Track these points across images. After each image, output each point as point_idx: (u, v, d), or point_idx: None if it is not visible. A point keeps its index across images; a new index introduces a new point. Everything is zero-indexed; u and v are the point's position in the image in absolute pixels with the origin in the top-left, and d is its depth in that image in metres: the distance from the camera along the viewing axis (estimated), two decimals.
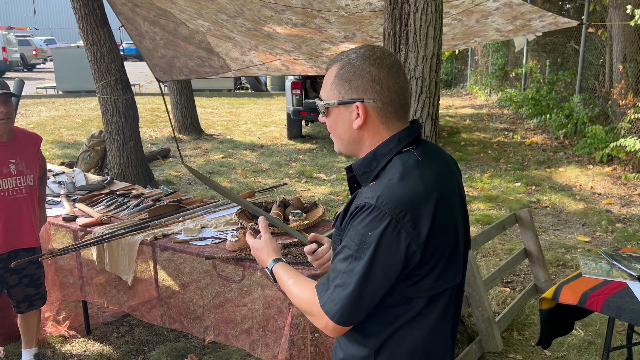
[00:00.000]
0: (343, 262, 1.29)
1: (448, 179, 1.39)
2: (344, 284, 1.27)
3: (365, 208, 1.27)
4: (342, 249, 1.31)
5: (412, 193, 1.27)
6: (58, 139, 9.99)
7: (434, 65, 2.94)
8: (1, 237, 2.87)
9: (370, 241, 1.24)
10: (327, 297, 1.31)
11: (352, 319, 1.30)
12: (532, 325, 3.66)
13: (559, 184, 7.04)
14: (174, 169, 8.06)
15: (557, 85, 10.59)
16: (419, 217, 1.26)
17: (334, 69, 1.38)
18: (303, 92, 9.47)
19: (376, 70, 1.33)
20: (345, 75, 1.35)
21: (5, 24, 39.04)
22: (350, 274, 1.27)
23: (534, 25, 4.75)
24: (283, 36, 4.95)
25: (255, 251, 1.63)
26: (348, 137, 1.40)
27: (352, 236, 1.28)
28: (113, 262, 3.14)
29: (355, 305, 1.27)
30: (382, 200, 1.25)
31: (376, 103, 1.34)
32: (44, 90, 17.37)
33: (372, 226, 1.25)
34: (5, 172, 2.84)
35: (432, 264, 1.30)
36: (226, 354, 3.34)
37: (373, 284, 1.27)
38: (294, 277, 1.46)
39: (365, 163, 1.38)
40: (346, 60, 1.36)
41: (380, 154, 1.36)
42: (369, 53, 1.35)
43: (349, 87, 1.35)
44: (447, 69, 18.85)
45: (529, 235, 4.02)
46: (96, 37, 5.99)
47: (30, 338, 3.18)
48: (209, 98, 15.94)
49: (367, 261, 1.25)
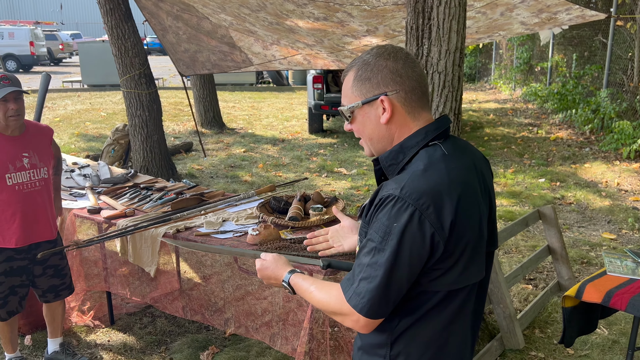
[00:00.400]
0: (367, 256, 1.30)
1: (474, 175, 1.38)
2: (369, 276, 1.28)
3: (389, 199, 1.27)
4: (366, 243, 1.31)
5: (435, 184, 1.27)
6: (83, 132, 10.16)
7: (457, 60, 2.91)
8: (19, 230, 2.90)
9: (395, 232, 1.25)
10: (352, 291, 1.31)
11: (381, 312, 1.30)
12: (554, 323, 3.61)
13: (585, 180, 6.92)
14: (197, 162, 8.14)
15: (584, 79, 10.39)
16: (442, 209, 1.25)
17: (350, 74, 1.41)
18: (324, 87, 9.45)
19: (392, 63, 1.35)
20: (364, 75, 1.37)
21: (32, 19, 39.76)
22: (374, 266, 1.27)
23: (561, 18, 4.67)
24: (305, 30, 4.95)
25: (265, 271, 1.63)
26: (377, 135, 1.40)
27: (376, 228, 1.29)
28: (136, 254, 3.19)
29: (382, 298, 1.28)
30: (406, 191, 1.26)
31: (399, 94, 1.36)
32: (70, 84, 17.66)
33: (396, 217, 1.25)
34: (18, 165, 2.86)
35: (454, 258, 1.30)
36: (246, 346, 3.37)
37: (399, 276, 1.27)
38: (315, 283, 1.46)
39: (392, 155, 1.39)
40: (361, 63, 1.39)
41: (407, 147, 1.37)
42: (381, 50, 1.38)
43: (369, 85, 1.37)
44: (470, 63, 18.63)
45: (553, 232, 3.96)
46: (120, 31, 6.06)
47: (56, 328, 3.25)
48: (231, 92, 16.03)
49: (392, 252, 1.25)
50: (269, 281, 1.63)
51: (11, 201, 2.86)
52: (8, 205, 2.86)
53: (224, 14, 5.03)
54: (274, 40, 5.54)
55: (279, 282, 1.59)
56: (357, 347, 1.50)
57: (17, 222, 2.89)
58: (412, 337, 1.37)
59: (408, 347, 1.38)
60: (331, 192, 6.55)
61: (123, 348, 3.41)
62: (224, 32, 5.60)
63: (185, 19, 5.50)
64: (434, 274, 1.31)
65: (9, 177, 2.83)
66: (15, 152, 2.87)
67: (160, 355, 3.34)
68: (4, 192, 2.84)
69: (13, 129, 2.87)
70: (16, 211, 2.88)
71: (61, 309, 3.24)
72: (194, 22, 5.51)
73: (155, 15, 5.67)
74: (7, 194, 2.84)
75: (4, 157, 2.83)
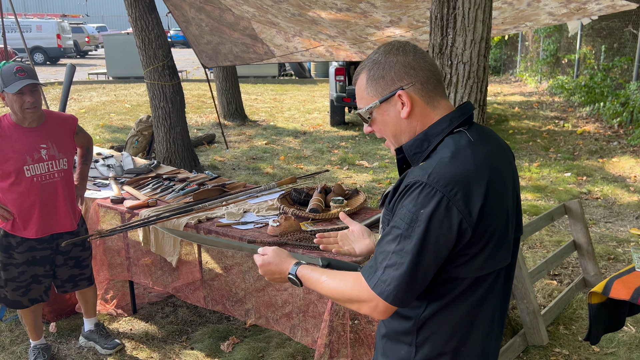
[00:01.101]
0: (392, 243, 1.28)
1: (501, 161, 1.37)
2: (395, 264, 1.26)
3: (415, 186, 1.26)
4: (390, 230, 1.30)
5: (463, 171, 1.26)
6: (108, 124, 10.29)
7: (483, 50, 2.85)
8: (38, 221, 2.93)
9: (422, 219, 1.24)
10: (376, 278, 1.28)
11: (406, 299, 1.28)
12: (579, 320, 3.54)
13: (612, 174, 6.77)
14: (219, 154, 8.18)
15: (613, 72, 10.14)
16: (470, 195, 1.24)
17: (362, 76, 1.41)
18: (347, 79, 9.40)
19: (403, 57, 1.35)
20: (377, 74, 1.37)
21: (59, 11, 40.37)
22: (400, 253, 1.26)
23: (590, 9, 4.55)
24: (327, 21, 4.91)
25: (268, 266, 1.55)
26: (400, 130, 1.40)
27: (402, 215, 1.27)
28: (158, 244, 3.21)
29: (409, 285, 1.26)
30: (434, 178, 1.24)
31: (415, 85, 1.35)
32: (95, 76, 17.90)
33: (423, 204, 1.24)
34: (36, 157, 2.86)
35: (482, 244, 1.29)
36: (266, 337, 3.38)
37: (425, 263, 1.26)
38: (326, 272, 1.43)
39: (416, 144, 1.37)
40: (371, 63, 1.39)
41: (432, 135, 1.36)
42: (389, 47, 1.38)
43: (384, 83, 1.37)
44: (496, 55, 18.35)
45: (579, 227, 3.88)
46: (144, 23, 6.10)
47: (89, 309, 3.35)
48: (253, 85, 16.07)
49: (419, 239, 1.24)
50: (273, 276, 1.55)
51: (30, 192, 2.88)
52: (27, 197, 2.88)
53: (247, 5, 5.02)
54: (296, 32, 5.52)
55: (284, 276, 1.52)
56: (380, 335, 1.48)
57: (36, 213, 2.91)
58: (438, 324, 1.36)
59: (434, 334, 1.37)
60: (352, 185, 6.52)
61: (145, 337, 3.45)
62: (246, 24, 5.60)
63: (208, 11, 5.51)
64: (460, 259, 1.29)
65: (27, 169, 2.84)
66: (33, 143, 2.86)
67: (181, 344, 3.37)
68: (23, 184, 2.86)
69: (30, 120, 2.86)
70: (35, 202, 2.90)
71: (91, 292, 3.32)
72: (217, 14, 5.52)
73: (178, 7, 5.69)
74: (26, 186, 2.86)
75: (22, 149, 2.83)
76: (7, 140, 2.82)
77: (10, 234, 2.94)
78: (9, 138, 2.82)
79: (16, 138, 2.83)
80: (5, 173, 2.83)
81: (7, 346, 3.38)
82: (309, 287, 1.47)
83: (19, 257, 2.96)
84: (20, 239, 2.95)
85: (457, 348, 1.38)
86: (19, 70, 2.74)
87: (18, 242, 2.95)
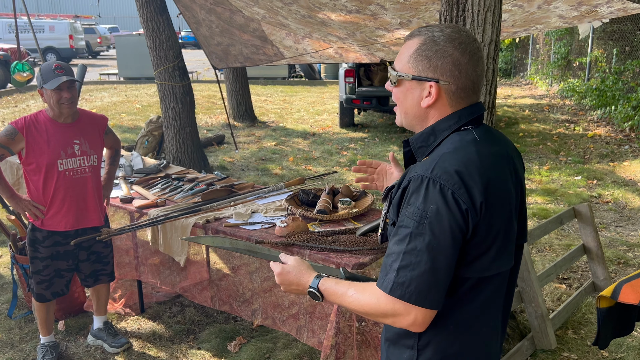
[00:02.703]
0: (401, 243, 1.24)
1: (505, 164, 1.35)
2: (409, 264, 1.23)
3: (420, 181, 1.25)
4: (397, 230, 1.27)
5: (465, 164, 1.25)
6: (118, 124, 10.36)
7: (492, 52, 2.84)
8: (69, 215, 3.02)
9: (431, 214, 1.22)
10: (390, 281, 1.24)
11: (433, 298, 1.23)
12: (588, 324, 3.52)
13: (623, 178, 6.71)
14: (228, 155, 8.21)
15: (624, 75, 10.06)
16: (472, 189, 1.23)
17: (414, 41, 1.35)
18: (356, 80, 9.39)
19: (459, 54, 1.30)
20: (426, 52, 1.32)
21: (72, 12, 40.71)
22: (414, 252, 1.22)
23: (601, 12, 4.52)
24: (337, 23, 4.92)
25: (287, 275, 1.45)
26: (414, 113, 1.38)
27: (409, 214, 1.25)
28: (167, 243, 3.23)
29: (432, 283, 1.23)
30: (436, 172, 1.24)
31: (450, 86, 1.32)
32: (106, 76, 18.03)
33: (430, 199, 1.23)
34: (69, 152, 2.97)
35: (486, 244, 1.27)
36: (273, 337, 3.38)
37: (443, 257, 1.23)
38: (353, 285, 1.34)
39: (422, 137, 1.37)
40: (430, 37, 1.32)
41: (439, 130, 1.35)
42: (455, 35, 1.31)
43: (427, 65, 1.32)
44: (506, 58, 18.26)
45: (589, 231, 3.85)
46: (155, 24, 6.14)
47: (100, 307, 3.39)
48: (263, 86, 16.11)
49: (432, 235, 1.22)
50: (290, 287, 1.46)
51: (62, 186, 2.98)
52: (59, 191, 2.98)
53: (257, 7, 5.04)
54: (306, 34, 5.53)
55: (303, 288, 1.43)
56: (384, 339, 1.46)
57: (67, 206, 3.01)
58: (441, 327, 1.33)
59: (437, 336, 1.34)
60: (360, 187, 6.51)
61: (152, 336, 3.47)
62: (256, 26, 5.62)
63: (218, 13, 5.53)
64: (467, 258, 1.28)
65: (61, 163, 2.95)
66: (67, 139, 2.97)
67: (188, 344, 3.38)
68: (55, 178, 2.95)
69: (66, 116, 2.97)
70: (66, 196, 2.99)
71: (105, 290, 3.37)
72: (227, 16, 5.54)
73: (189, 8, 5.72)
74: (59, 180, 2.96)
75: (57, 144, 2.94)
76: (42, 135, 2.92)
77: (38, 228, 3.03)
78: (45, 132, 2.93)
79: (52, 133, 2.94)
80: (39, 166, 2.93)
81: (16, 343, 3.41)
82: (333, 301, 1.38)
83: (44, 251, 3.05)
84: (46, 233, 3.03)
85: (460, 352, 1.35)
86: (57, 68, 2.85)
87: (44, 236, 3.03)
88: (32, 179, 2.97)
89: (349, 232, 2.78)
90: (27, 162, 2.93)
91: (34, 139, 2.90)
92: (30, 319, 3.64)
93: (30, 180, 2.98)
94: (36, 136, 2.90)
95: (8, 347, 3.37)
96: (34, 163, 2.92)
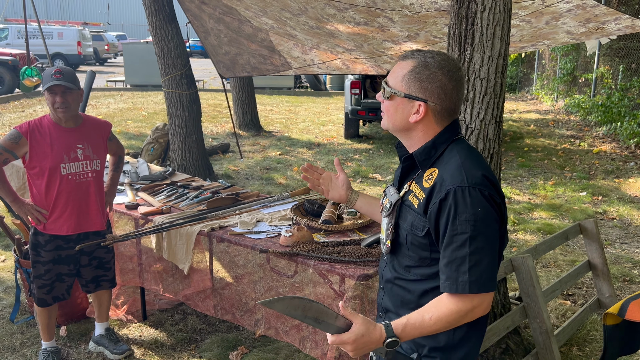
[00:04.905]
0: (462, 248, 1.42)
1: None
2: (478, 262, 1.42)
3: (462, 192, 1.43)
4: (452, 239, 1.43)
5: (483, 167, 1.50)
6: (124, 131, 10.40)
7: (500, 66, 2.85)
8: (71, 219, 3.03)
9: (481, 215, 1.42)
10: (467, 283, 1.41)
11: (496, 281, 1.47)
12: (593, 342, 3.49)
13: (629, 195, 6.68)
14: (233, 163, 8.22)
15: (630, 92, 10.05)
16: (497, 185, 1.50)
17: (408, 63, 1.52)
18: (362, 92, 9.42)
19: (447, 80, 1.49)
20: (418, 75, 1.50)
21: (81, 19, 41.05)
22: (477, 251, 1.42)
23: (609, 28, 4.53)
24: (345, 35, 4.94)
25: (361, 340, 1.38)
26: (400, 125, 1.57)
27: (462, 222, 1.42)
28: (171, 250, 3.22)
29: (495, 270, 1.46)
30: (471, 180, 1.44)
31: (436, 107, 1.52)
32: (113, 83, 18.12)
33: (476, 204, 1.43)
34: (72, 156, 2.99)
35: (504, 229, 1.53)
36: (275, 348, 3.36)
37: (495, 247, 1.47)
38: (422, 311, 1.45)
39: (426, 151, 1.56)
40: (422, 61, 1.51)
41: (439, 143, 1.55)
42: (445, 63, 1.50)
43: (418, 87, 1.50)
44: (512, 72, 18.29)
45: (594, 247, 3.83)
46: (164, 32, 6.18)
47: (102, 313, 3.38)
48: (269, 96, 16.16)
49: (486, 231, 1.43)
50: (367, 347, 1.40)
51: (64, 190, 2.99)
52: (61, 195, 2.99)
53: (266, 17, 5.07)
54: (314, 45, 5.55)
55: (378, 343, 1.40)
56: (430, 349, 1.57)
57: (69, 210, 3.02)
58: None
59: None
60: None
61: (154, 344, 3.45)
62: (264, 36, 5.65)
63: (227, 22, 5.57)
64: None
65: (64, 167, 2.96)
66: (70, 143, 2.99)
67: (189, 352, 3.36)
68: (58, 182, 2.97)
69: (65, 120, 2.98)
70: (69, 200, 3.00)
71: (107, 296, 3.36)
72: (235, 26, 5.58)
73: (198, 17, 5.76)
74: (61, 184, 2.97)
75: (60, 148, 2.95)
76: (46, 139, 2.94)
77: (40, 232, 3.04)
78: (49, 136, 2.95)
79: (55, 137, 2.96)
80: (42, 170, 2.94)
81: (18, 348, 3.40)
82: (413, 337, 1.44)
83: (46, 255, 3.05)
84: (48, 237, 3.03)
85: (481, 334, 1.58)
86: (56, 72, 2.90)
87: (46, 240, 3.04)
88: (35, 183, 2.99)
89: (354, 243, 2.77)
90: (30, 165, 2.95)
91: (37, 143, 2.92)
92: (33, 324, 3.63)
93: (33, 184, 3.00)
94: (40, 140, 2.92)
95: (10, 351, 3.36)
96: (37, 167, 2.94)
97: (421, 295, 1.56)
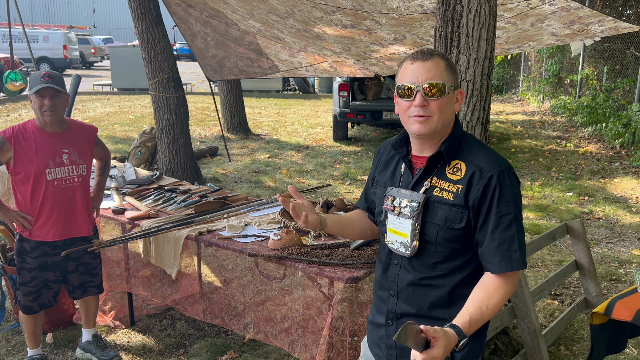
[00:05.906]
0: (511, 228, 1.53)
1: None
2: (522, 239, 1.55)
3: (500, 175, 1.54)
4: (500, 220, 1.52)
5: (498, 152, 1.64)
6: (111, 135, 10.32)
7: (486, 68, 2.87)
8: (57, 224, 2.99)
9: (519, 194, 1.57)
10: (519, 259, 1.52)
11: None
12: (581, 341, 3.51)
13: (614, 195, 6.76)
14: (221, 167, 8.19)
15: (615, 93, 10.18)
16: None
17: (437, 59, 1.57)
18: (350, 94, 9.43)
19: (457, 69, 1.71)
20: (453, 66, 1.60)
21: (67, 23, 40.72)
22: (522, 228, 1.56)
23: (593, 30, 4.58)
24: (332, 37, 4.95)
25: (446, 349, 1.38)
26: (449, 118, 1.61)
27: (506, 203, 1.53)
28: (159, 255, 3.20)
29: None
30: (505, 164, 1.57)
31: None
32: (100, 87, 17.99)
33: (513, 184, 1.56)
34: (58, 161, 2.95)
35: None
36: (265, 352, 3.35)
37: None
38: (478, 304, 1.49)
39: (452, 145, 1.61)
40: (444, 55, 1.61)
41: (460, 135, 1.65)
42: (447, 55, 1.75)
43: (455, 77, 1.61)
44: (498, 74, 18.43)
45: (581, 247, 3.87)
46: (151, 35, 6.15)
47: (89, 320, 3.34)
48: (257, 99, 16.13)
49: (521, 210, 1.58)
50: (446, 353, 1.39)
51: (50, 196, 2.95)
52: (47, 200, 2.95)
53: (253, 20, 5.06)
54: (301, 47, 5.55)
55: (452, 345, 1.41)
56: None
57: (55, 216, 2.98)
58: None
59: None
60: (354, 200, 6.51)
61: (142, 349, 3.42)
62: (251, 39, 5.64)
63: (214, 25, 5.55)
64: None
65: (49, 172, 2.92)
66: (56, 148, 2.95)
67: (178, 358, 3.34)
68: (44, 187, 2.93)
69: (51, 124, 2.95)
70: (54, 206, 2.97)
71: (94, 302, 3.32)
72: (222, 29, 5.56)
73: (184, 20, 5.74)
74: (47, 189, 2.93)
75: (45, 153, 2.92)
76: (30, 144, 2.90)
77: (26, 238, 2.99)
78: (33, 141, 2.91)
79: (40, 142, 2.92)
80: (27, 176, 2.90)
81: (4, 356, 3.35)
82: (476, 329, 1.49)
83: (32, 262, 3.01)
84: (34, 244, 2.99)
85: None
86: (45, 75, 2.86)
87: (32, 246, 2.99)
88: (20, 189, 2.94)
89: (343, 246, 2.77)
90: (15, 171, 2.91)
91: (22, 149, 2.88)
92: (18, 331, 3.59)
93: (18, 190, 2.95)
94: (24, 145, 2.88)
95: None
96: (22, 172, 2.90)
97: (453, 288, 1.60)
